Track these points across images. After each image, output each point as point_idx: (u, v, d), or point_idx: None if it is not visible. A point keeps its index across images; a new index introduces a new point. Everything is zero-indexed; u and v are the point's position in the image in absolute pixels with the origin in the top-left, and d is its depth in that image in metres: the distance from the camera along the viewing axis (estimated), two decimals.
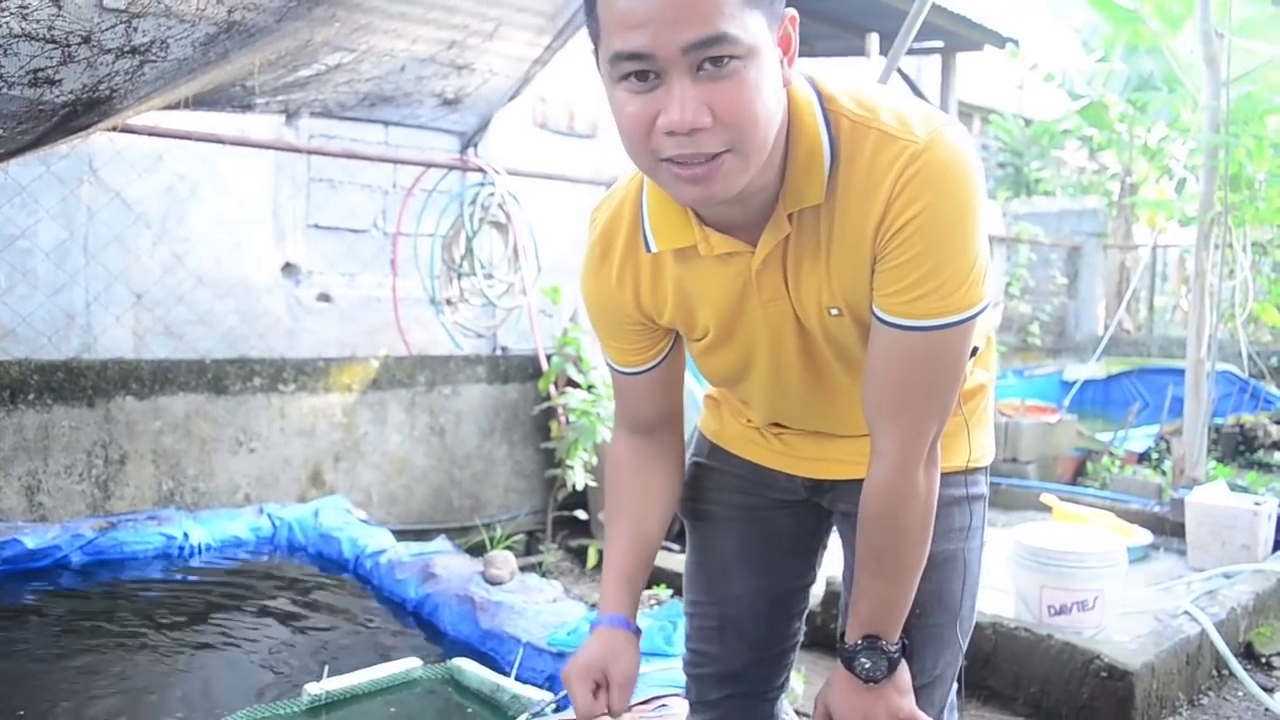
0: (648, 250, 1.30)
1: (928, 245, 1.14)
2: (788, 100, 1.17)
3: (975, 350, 1.42)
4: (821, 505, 1.57)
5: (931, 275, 1.15)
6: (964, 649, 1.50)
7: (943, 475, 1.39)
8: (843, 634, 1.38)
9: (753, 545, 1.59)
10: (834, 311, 1.26)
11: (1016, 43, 8.22)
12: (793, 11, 1.12)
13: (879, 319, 1.21)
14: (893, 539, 1.30)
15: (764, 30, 1.05)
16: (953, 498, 1.43)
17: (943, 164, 1.13)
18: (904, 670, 1.37)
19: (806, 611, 1.67)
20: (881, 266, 1.18)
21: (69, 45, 2.41)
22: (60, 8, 2.34)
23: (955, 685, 1.53)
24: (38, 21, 2.29)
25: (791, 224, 1.21)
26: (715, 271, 1.28)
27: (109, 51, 2.52)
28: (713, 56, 1.02)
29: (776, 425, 1.53)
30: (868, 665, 1.34)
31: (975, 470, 1.49)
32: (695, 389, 1.73)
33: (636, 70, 1.04)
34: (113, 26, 2.42)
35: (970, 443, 1.46)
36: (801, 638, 1.67)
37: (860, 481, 1.32)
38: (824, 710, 1.40)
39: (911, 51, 8.75)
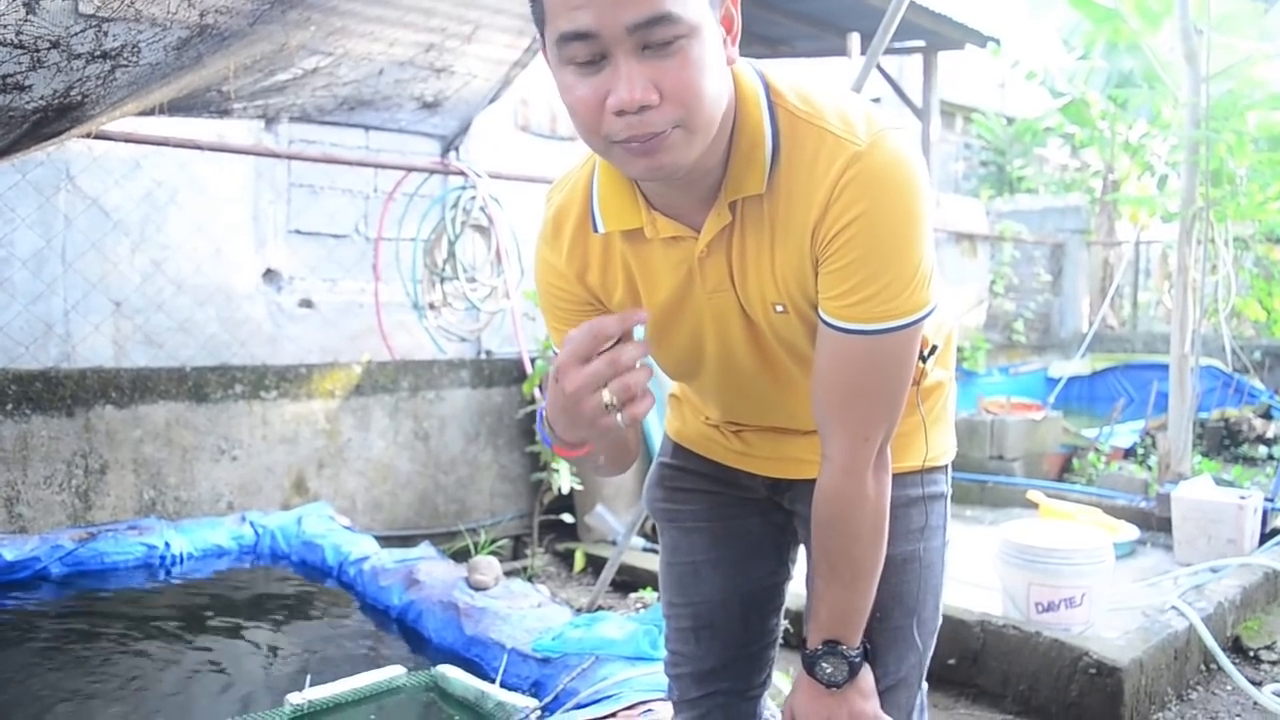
0: (596, 230, 1.30)
1: (867, 249, 1.14)
2: (735, 89, 1.18)
3: (935, 349, 1.42)
4: (784, 505, 1.56)
5: (873, 279, 1.15)
6: (930, 650, 1.49)
7: (899, 475, 1.39)
8: (805, 639, 1.37)
9: (722, 545, 1.58)
10: (779, 308, 1.25)
11: (998, 41, 8.25)
12: None
13: (824, 321, 1.21)
14: (844, 543, 1.29)
15: (706, 9, 1.07)
16: (909, 498, 1.43)
17: (883, 168, 1.13)
18: (866, 674, 1.36)
19: (783, 608, 1.66)
20: (824, 269, 1.19)
21: (38, 50, 2.38)
22: (32, 13, 2.31)
23: (923, 685, 1.52)
24: (4, 26, 2.26)
25: (734, 213, 1.22)
26: (662, 256, 1.28)
27: (79, 56, 2.49)
28: (657, 35, 1.03)
29: (734, 423, 1.52)
30: (829, 670, 1.34)
31: (933, 469, 1.49)
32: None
33: (582, 51, 1.05)
34: (83, 31, 2.39)
35: (927, 442, 1.45)
36: (780, 635, 1.66)
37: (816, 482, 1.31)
38: (789, 716, 1.40)
39: (893, 51, 8.77)
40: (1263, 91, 7.17)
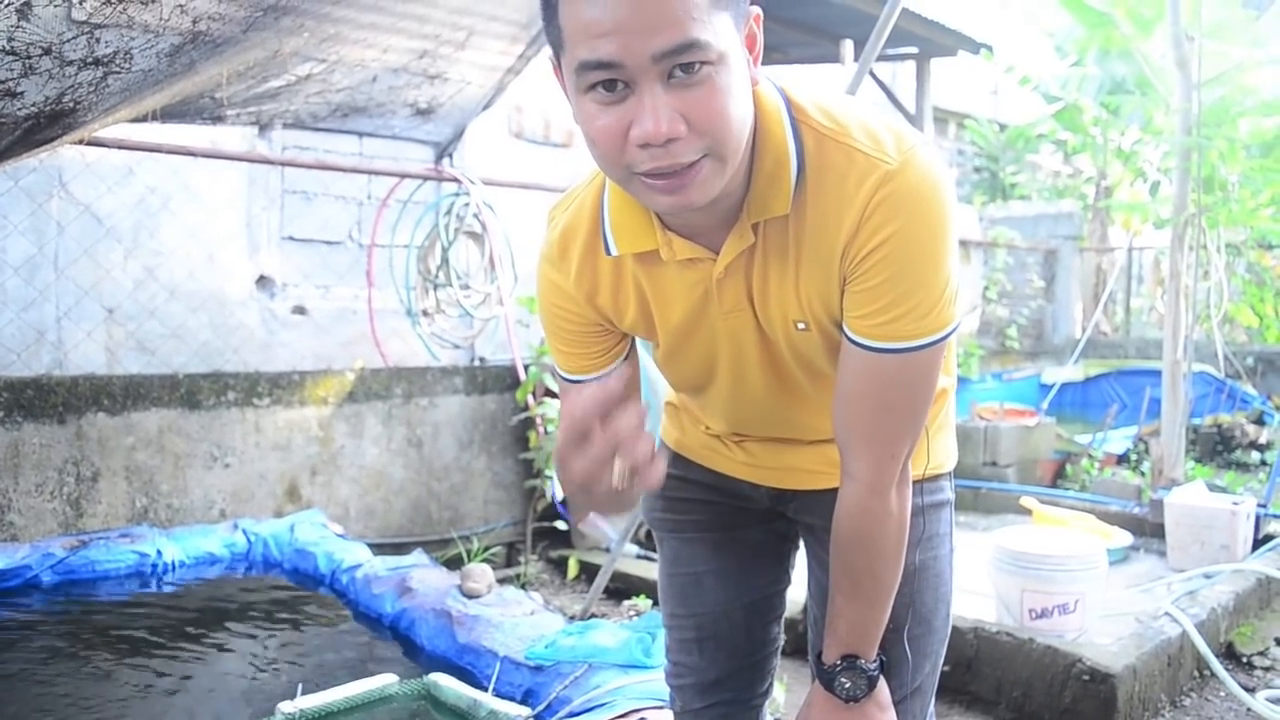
0: (608, 253, 1.26)
1: (900, 269, 1.12)
2: (755, 106, 1.14)
3: None
4: (787, 515, 1.55)
5: (904, 299, 1.13)
6: (941, 658, 1.48)
7: None
8: (819, 653, 1.36)
9: (724, 555, 1.57)
10: (801, 326, 1.23)
11: (990, 48, 8.27)
12: (757, 9, 1.09)
13: (850, 340, 1.19)
14: (869, 560, 1.28)
15: (732, 32, 1.03)
16: (915, 506, 1.39)
17: (916, 187, 1.11)
18: (883, 686, 1.35)
19: (784, 615, 1.65)
20: (852, 288, 1.16)
21: (30, 57, 2.37)
22: (25, 19, 2.30)
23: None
24: None
25: (756, 234, 1.19)
26: (677, 277, 1.25)
27: (71, 63, 2.48)
28: (684, 63, 0.99)
29: (738, 434, 1.50)
30: (848, 685, 1.32)
31: (936, 478, 1.47)
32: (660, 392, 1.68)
33: (605, 80, 1.00)
34: (75, 38, 2.39)
35: (929, 450, 1.43)
36: (782, 643, 1.66)
37: (822, 492, 1.30)
38: None
39: (886, 58, 8.79)
40: (1254, 98, 7.20)
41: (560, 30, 1.02)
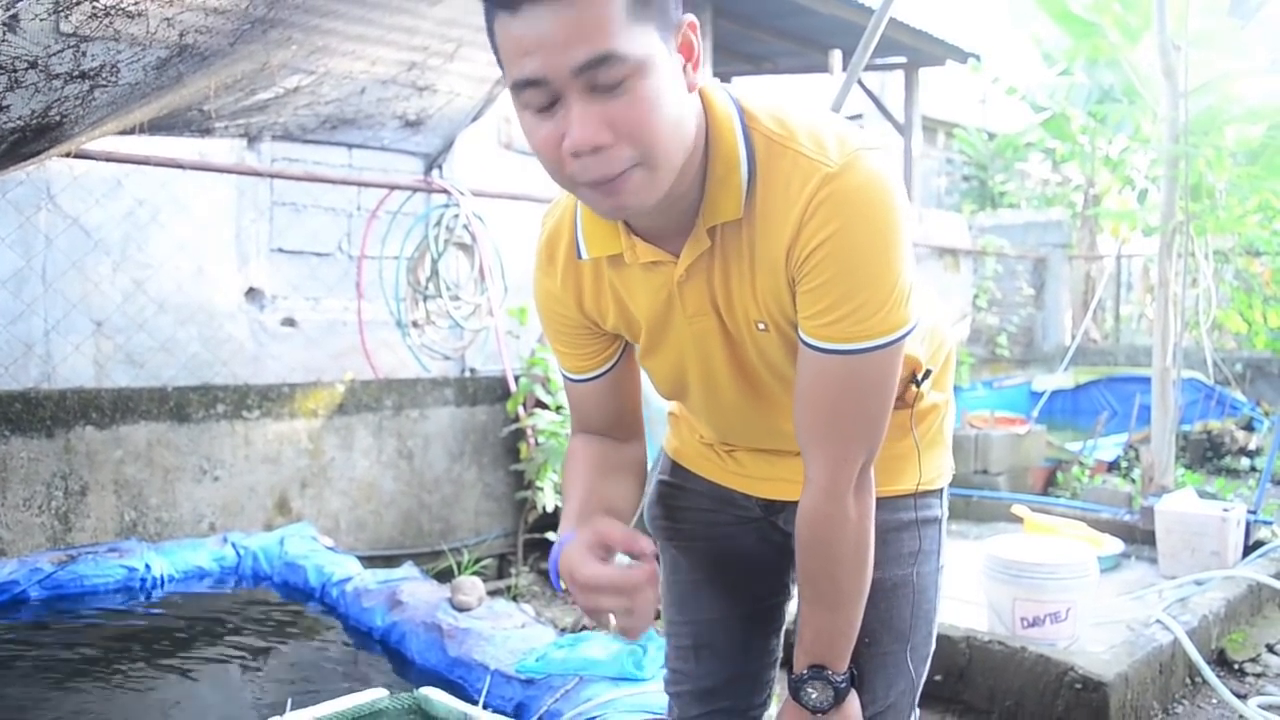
0: (579, 256, 1.31)
1: (840, 269, 1.14)
2: (708, 114, 1.18)
3: (929, 373, 1.41)
4: (779, 525, 1.55)
5: (846, 299, 1.15)
6: (922, 676, 1.48)
7: (891, 499, 1.38)
8: (792, 663, 1.36)
9: (721, 564, 1.58)
10: (761, 326, 1.25)
11: (978, 57, 8.31)
12: (690, 17, 1.12)
13: (802, 341, 1.21)
14: (826, 565, 1.28)
15: (657, 42, 1.05)
16: (901, 522, 1.41)
17: (855, 189, 1.13)
18: (853, 700, 1.35)
19: (783, 628, 1.65)
20: (799, 289, 1.18)
21: (15, 71, 2.36)
22: (11, 32, 2.30)
23: (915, 712, 1.50)
24: None
25: (714, 238, 1.22)
26: (643, 280, 1.28)
27: (57, 76, 2.48)
28: (603, 77, 1.02)
29: (727, 443, 1.52)
30: (814, 695, 1.32)
31: (927, 493, 1.47)
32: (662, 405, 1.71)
33: (536, 97, 1.05)
34: (61, 51, 2.38)
35: (920, 466, 1.44)
36: (780, 655, 1.65)
37: None
38: None
39: (875, 67, 8.83)
40: (1240, 106, 7.24)
41: (499, 52, 1.08)
